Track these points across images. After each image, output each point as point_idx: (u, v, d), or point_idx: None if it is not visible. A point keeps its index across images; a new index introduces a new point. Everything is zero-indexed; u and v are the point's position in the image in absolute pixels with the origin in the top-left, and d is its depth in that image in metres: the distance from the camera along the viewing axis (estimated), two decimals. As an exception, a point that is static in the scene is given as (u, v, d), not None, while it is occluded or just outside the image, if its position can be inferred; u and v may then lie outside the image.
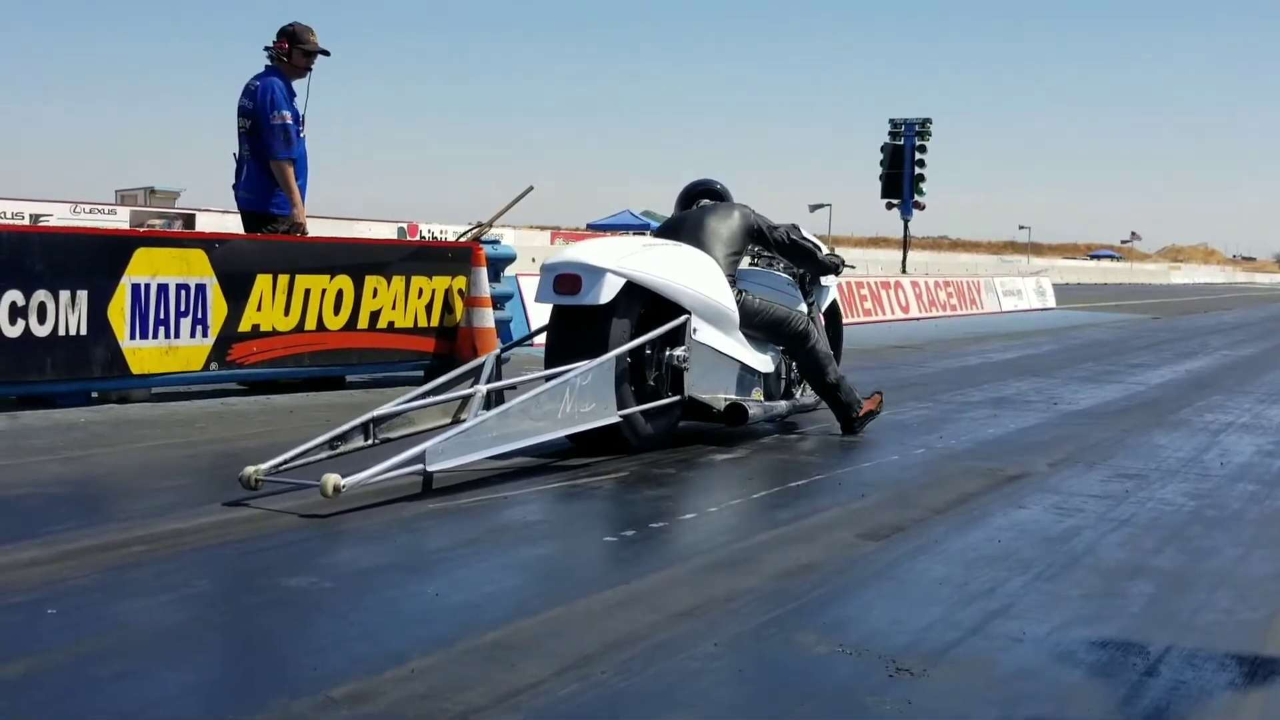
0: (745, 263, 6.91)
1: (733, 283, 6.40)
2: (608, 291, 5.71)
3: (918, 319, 20.12)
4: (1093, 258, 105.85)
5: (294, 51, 7.91)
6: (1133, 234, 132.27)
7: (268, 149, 7.75)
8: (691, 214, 6.72)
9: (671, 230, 6.68)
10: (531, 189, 9.35)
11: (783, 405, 6.76)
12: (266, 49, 7.97)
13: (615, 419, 5.63)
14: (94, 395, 6.79)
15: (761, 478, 5.50)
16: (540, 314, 11.93)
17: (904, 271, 29.21)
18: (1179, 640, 3.24)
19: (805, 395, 7.06)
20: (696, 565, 3.86)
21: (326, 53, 8.05)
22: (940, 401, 8.56)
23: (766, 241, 6.74)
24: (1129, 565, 4.07)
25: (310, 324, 7.61)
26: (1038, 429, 7.38)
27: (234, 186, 8.05)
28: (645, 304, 5.92)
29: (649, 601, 3.40)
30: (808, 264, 6.95)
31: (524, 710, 2.58)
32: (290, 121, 7.80)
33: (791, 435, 6.72)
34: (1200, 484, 5.66)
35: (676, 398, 6.01)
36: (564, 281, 5.79)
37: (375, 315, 8.00)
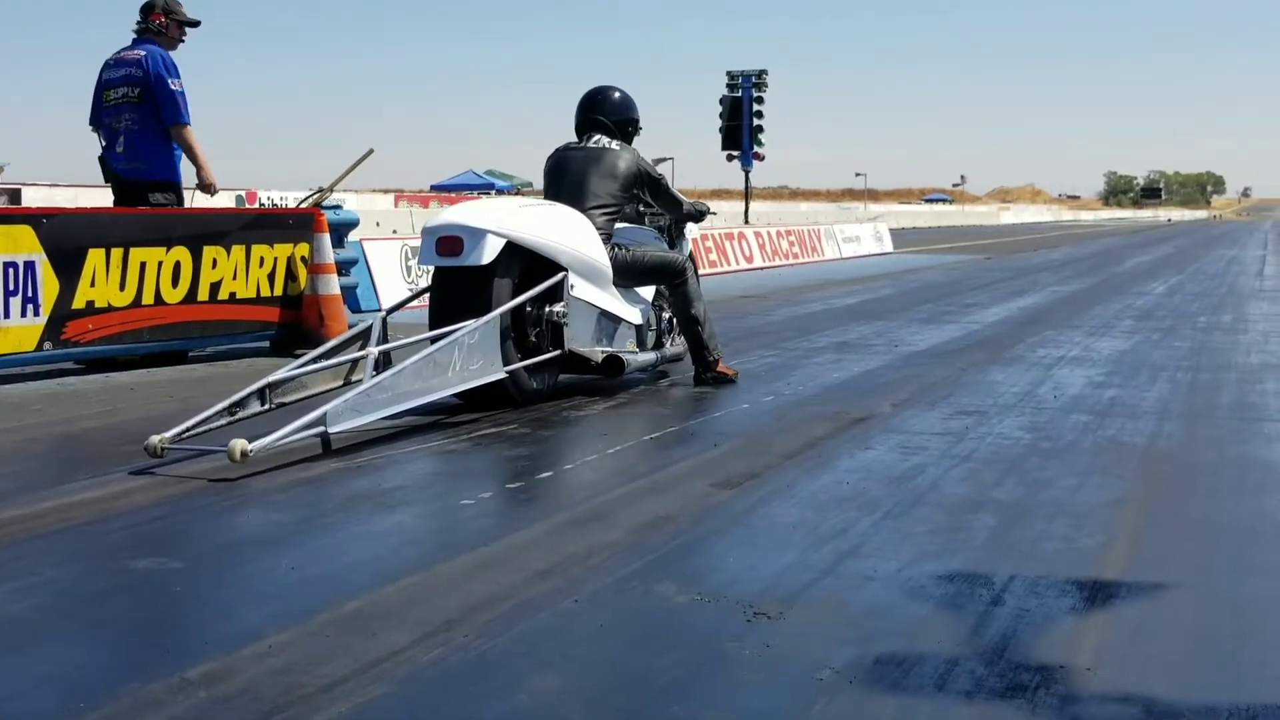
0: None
1: (607, 240, 6.55)
2: (489, 252, 5.80)
3: (762, 269, 20.38)
4: (926, 201, 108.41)
5: (169, 23, 7.95)
6: (962, 177, 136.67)
7: (169, 115, 7.76)
8: (576, 162, 6.75)
9: (556, 173, 6.77)
10: (371, 152, 9.19)
11: (654, 355, 6.99)
12: (138, 23, 7.96)
13: (501, 375, 5.78)
14: (-82, 382, 6.51)
15: (616, 433, 5.54)
16: (387, 279, 11.83)
17: (746, 222, 29.47)
18: (1022, 569, 3.38)
19: (674, 346, 7.27)
20: (555, 523, 3.88)
21: (197, 23, 8.13)
22: (786, 349, 8.71)
23: (656, 189, 6.93)
24: (971, 499, 4.22)
25: (148, 298, 7.39)
26: (880, 371, 7.57)
27: (106, 158, 7.93)
28: (524, 263, 6.02)
29: (509, 562, 3.41)
30: (678, 211, 7.27)
31: (387, 679, 2.57)
32: (183, 89, 7.86)
33: (644, 389, 6.78)
34: (1035, 417, 5.88)
35: (557, 352, 6.17)
36: (446, 243, 5.85)
37: (215, 286, 7.81)
